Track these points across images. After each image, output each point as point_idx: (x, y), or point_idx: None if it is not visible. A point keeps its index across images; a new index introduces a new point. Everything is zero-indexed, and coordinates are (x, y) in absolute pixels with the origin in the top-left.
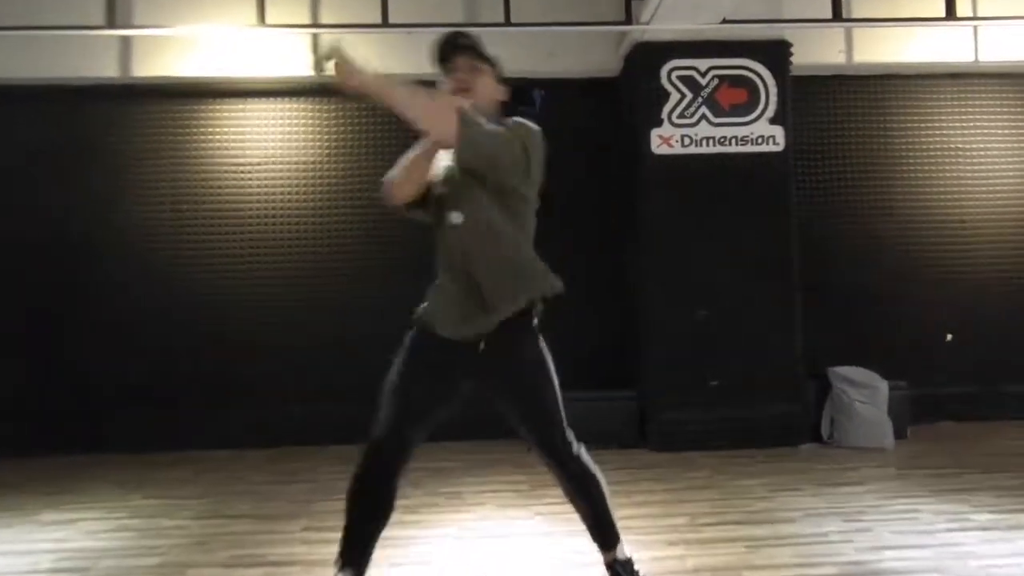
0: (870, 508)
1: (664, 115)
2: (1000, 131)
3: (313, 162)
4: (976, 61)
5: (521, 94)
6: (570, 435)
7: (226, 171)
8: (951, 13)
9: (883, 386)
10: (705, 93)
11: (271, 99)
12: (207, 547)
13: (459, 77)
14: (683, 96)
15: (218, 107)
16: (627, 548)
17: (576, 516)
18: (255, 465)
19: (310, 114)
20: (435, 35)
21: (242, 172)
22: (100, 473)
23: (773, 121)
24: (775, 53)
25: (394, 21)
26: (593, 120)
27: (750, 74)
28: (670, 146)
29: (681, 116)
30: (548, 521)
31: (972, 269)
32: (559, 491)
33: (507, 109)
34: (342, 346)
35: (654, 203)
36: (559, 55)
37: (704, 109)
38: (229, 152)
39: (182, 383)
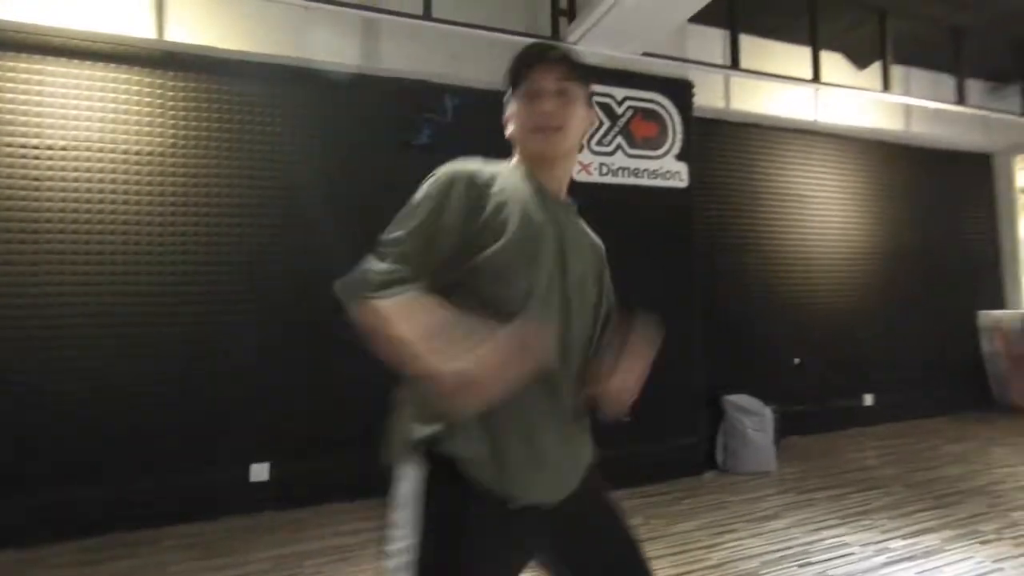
0: (808, 545)
1: (584, 141)
2: (830, 182)
3: (147, 152)
4: (815, 121)
5: (430, 100)
6: None
7: (10, 155)
8: (816, 76)
9: (768, 412)
10: (621, 123)
11: (85, 62)
12: None
13: (545, 110)
14: (601, 123)
15: (1, 65)
16: None
17: None
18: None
19: (145, 88)
20: (340, 15)
21: (36, 159)
22: None
23: (679, 157)
24: (681, 91)
25: None
26: (499, 136)
27: (660, 109)
28: (588, 174)
29: (600, 144)
30: None
31: (810, 300)
32: None
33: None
34: (179, 396)
35: None
36: (462, 59)
37: (620, 139)
38: (16, 129)
39: None
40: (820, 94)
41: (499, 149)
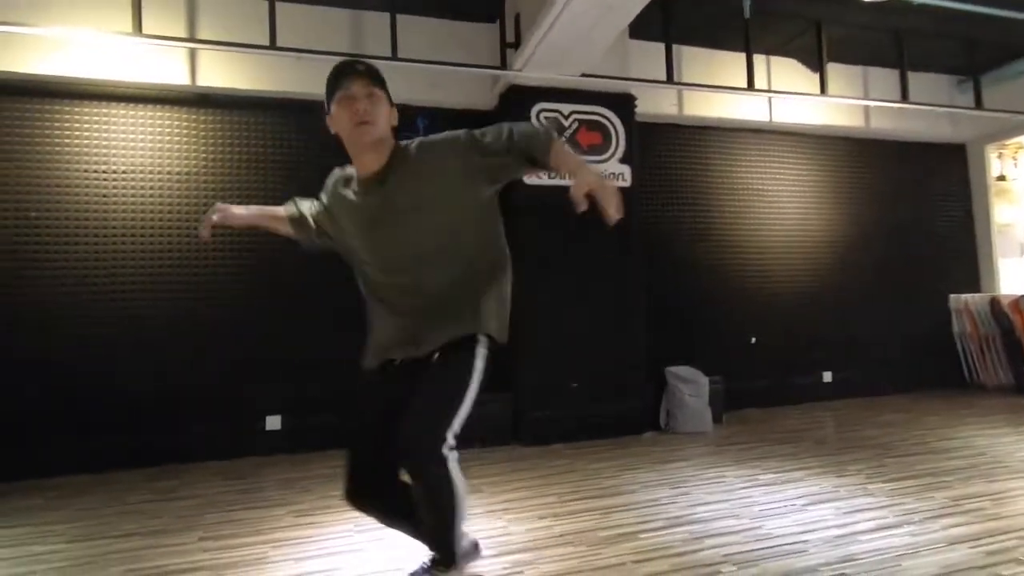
0: (690, 477)
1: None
2: (786, 176)
3: (187, 173)
4: (770, 120)
5: (406, 120)
6: (446, 447)
7: (86, 178)
8: (751, 85)
9: (704, 381)
10: (568, 133)
11: (139, 105)
12: (96, 566)
13: (359, 108)
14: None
15: (77, 109)
16: None
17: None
18: (126, 488)
19: (184, 123)
20: (325, 61)
21: (104, 180)
22: None
23: (622, 160)
24: (623, 104)
25: (282, 44)
26: None
27: (604, 120)
28: (539, 177)
29: None
30: None
31: (767, 285)
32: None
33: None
34: (215, 361)
35: (524, 228)
36: (440, 87)
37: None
38: (88, 158)
39: (27, 407)
40: (774, 100)
41: None
